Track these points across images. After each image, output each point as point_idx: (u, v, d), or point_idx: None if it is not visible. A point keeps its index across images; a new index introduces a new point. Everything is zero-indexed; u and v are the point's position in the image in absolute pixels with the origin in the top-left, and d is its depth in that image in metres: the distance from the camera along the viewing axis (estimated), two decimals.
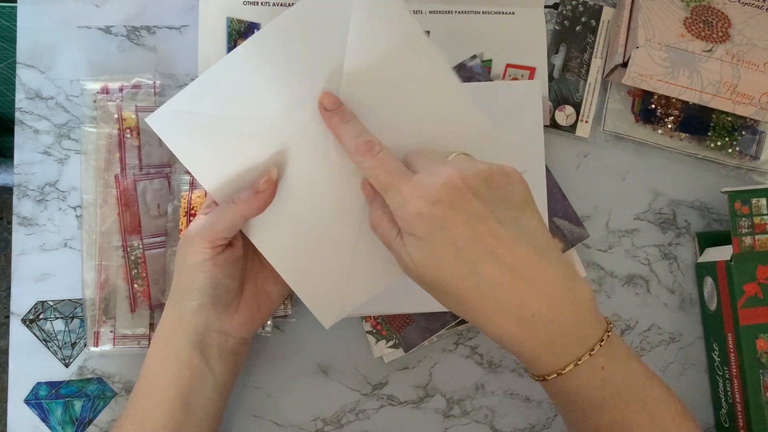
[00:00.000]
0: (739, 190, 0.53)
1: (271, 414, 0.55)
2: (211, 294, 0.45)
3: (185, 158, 0.46)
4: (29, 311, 0.55)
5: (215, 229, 0.45)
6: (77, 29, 0.58)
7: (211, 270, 0.45)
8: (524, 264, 0.38)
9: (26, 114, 0.57)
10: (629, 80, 0.54)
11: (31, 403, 0.54)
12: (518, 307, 0.38)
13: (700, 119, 0.58)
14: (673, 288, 0.58)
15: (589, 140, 0.59)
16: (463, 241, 0.38)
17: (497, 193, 0.40)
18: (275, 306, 0.51)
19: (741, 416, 0.52)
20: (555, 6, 0.60)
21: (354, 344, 0.56)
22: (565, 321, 0.39)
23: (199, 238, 0.45)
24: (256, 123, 0.45)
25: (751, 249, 0.52)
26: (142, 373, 0.47)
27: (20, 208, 0.56)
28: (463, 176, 0.39)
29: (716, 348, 0.55)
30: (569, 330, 0.39)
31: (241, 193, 0.45)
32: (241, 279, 0.48)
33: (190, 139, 0.45)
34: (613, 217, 0.59)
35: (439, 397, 0.56)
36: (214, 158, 0.46)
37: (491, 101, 0.45)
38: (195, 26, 0.58)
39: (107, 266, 0.53)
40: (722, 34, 0.55)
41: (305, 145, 0.46)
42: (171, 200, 0.54)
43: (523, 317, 0.38)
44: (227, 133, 0.45)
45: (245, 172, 0.46)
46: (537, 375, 0.41)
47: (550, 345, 0.39)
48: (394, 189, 0.40)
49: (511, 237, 0.38)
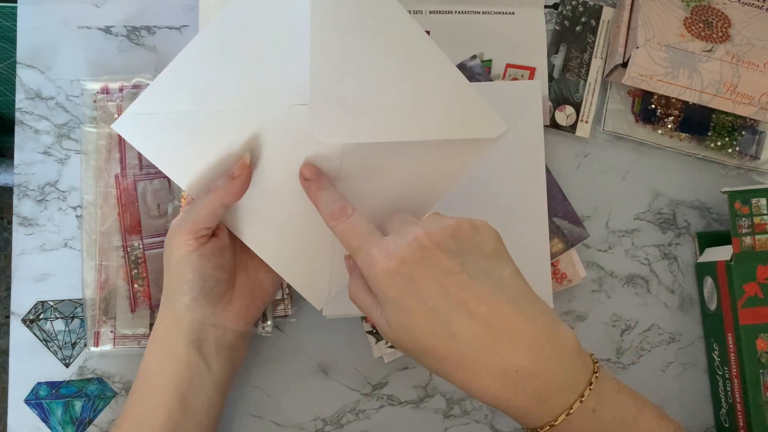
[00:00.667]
0: (739, 190, 0.53)
1: (271, 414, 0.55)
2: (201, 287, 0.45)
3: (156, 159, 0.46)
4: (29, 311, 0.55)
5: (195, 220, 0.45)
6: (77, 29, 0.58)
7: (198, 262, 0.45)
8: (499, 316, 0.37)
9: (26, 114, 0.57)
10: (629, 80, 0.54)
11: (32, 403, 0.54)
12: (501, 364, 0.37)
13: (700, 119, 0.58)
14: (673, 288, 0.58)
15: (589, 140, 0.59)
16: (433, 299, 0.37)
17: (466, 245, 0.39)
18: (270, 295, 0.51)
19: (741, 416, 0.52)
20: (555, 6, 0.60)
21: (354, 344, 0.56)
22: (551, 372, 0.38)
23: (181, 231, 0.45)
24: (223, 114, 0.45)
25: (751, 249, 0.52)
26: (140, 373, 0.47)
27: (20, 208, 0.56)
28: (429, 233, 0.38)
29: (716, 348, 0.55)
30: (557, 380, 0.38)
31: (216, 181, 0.45)
32: (230, 269, 0.48)
33: (158, 140, 0.45)
34: (613, 217, 0.59)
35: (439, 397, 0.56)
36: (185, 156, 0.46)
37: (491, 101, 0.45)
38: (195, 26, 0.58)
39: (107, 266, 0.53)
40: (722, 34, 0.55)
41: (276, 131, 0.45)
42: (171, 200, 0.54)
43: (506, 374, 0.37)
44: (195, 129, 0.45)
45: (219, 164, 0.46)
46: (529, 428, 0.40)
47: (539, 398, 0.38)
48: (364, 251, 0.40)
49: (484, 290, 0.37)
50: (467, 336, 0.37)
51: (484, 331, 0.37)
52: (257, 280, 0.49)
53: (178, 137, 0.45)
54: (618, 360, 0.57)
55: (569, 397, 0.38)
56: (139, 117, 0.44)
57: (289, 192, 0.46)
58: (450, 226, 0.39)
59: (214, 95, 0.44)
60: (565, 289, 0.57)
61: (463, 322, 0.37)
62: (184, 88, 0.44)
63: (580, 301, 0.57)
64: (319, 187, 0.44)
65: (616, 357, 0.57)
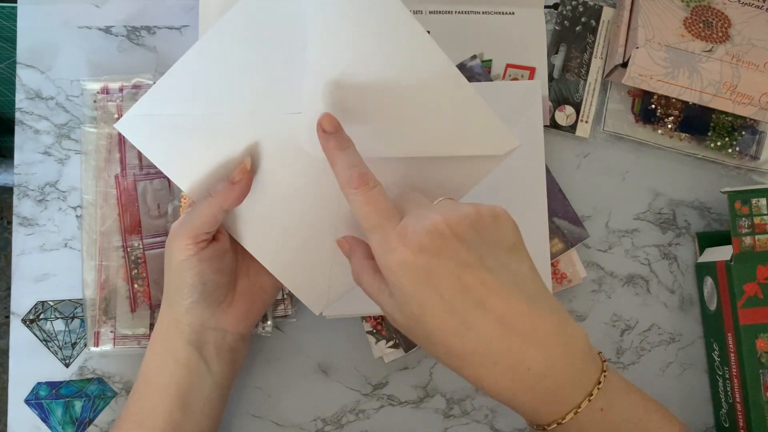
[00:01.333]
0: (739, 190, 0.53)
1: (271, 414, 0.55)
2: (202, 291, 0.45)
3: (158, 161, 0.46)
4: (29, 311, 0.55)
5: (195, 225, 0.44)
6: (77, 29, 0.58)
7: (198, 266, 0.45)
8: (516, 314, 0.37)
9: (26, 114, 0.57)
10: (629, 80, 0.54)
11: (32, 403, 0.54)
12: (512, 362, 0.37)
13: (700, 119, 0.58)
14: (673, 288, 0.58)
15: (589, 140, 0.59)
16: (450, 293, 0.36)
17: (486, 237, 0.38)
18: (270, 298, 0.51)
19: (741, 416, 0.52)
20: (555, 6, 0.60)
21: (354, 344, 0.56)
22: (561, 371, 0.37)
23: (181, 236, 0.45)
24: (225, 119, 0.45)
25: (751, 249, 0.52)
26: (141, 374, 0.47)
27: (20, 208, 0.56)
28: (449, 221, 0.37)
29: (716, 348, 0.55)
30: (567, 380, 0.38)
31: (217, 186, 0.45)
32: (231, 273, 0.48)
33: (161, 141, 0.45)
34: (613, 217, 0.59)
35: (439, 397, 0.56)
36: (187, 158, 0.46)
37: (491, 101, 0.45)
38: (195, 26, 0.58)
39: (107, 266, 0.53)
40: (722, 34, 0.55)
41: (277, 137, 0.45)
42: (171, 200, 0.54)
43: (517, 372, 0.37)
44: (197, 132, 0.45)
45: (220, 167, 0.46)
46: (536, 425, 0.40)
47: (548, 396, 0.38)
48: (381, 231, 0.38)
49: (502, 285, 0.37)
50: (481, 332, 0.37)
51: (499, 328, 0.37)
52: (258, 283, 0.49)
53: (180, 139, 0.45)
54: (618, 360, 0.57)
55: (578, 395, 0.38)
56: (141, 118, 0.44)
57: (290, 198, 0.46)
58: (470, 215, 0.38)
59: (217, 99, 0.44)
60: (565, 289, 0.57)
61: (479, 317, 0.36)
62: (187, 91, 0.44)
63: (580, 301, 0.57)
64: (338, 145, 0.41)
65: (616, 357, 0.57)
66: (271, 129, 0.45)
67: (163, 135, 0.45)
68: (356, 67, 0.43)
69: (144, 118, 0.44)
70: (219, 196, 0.44)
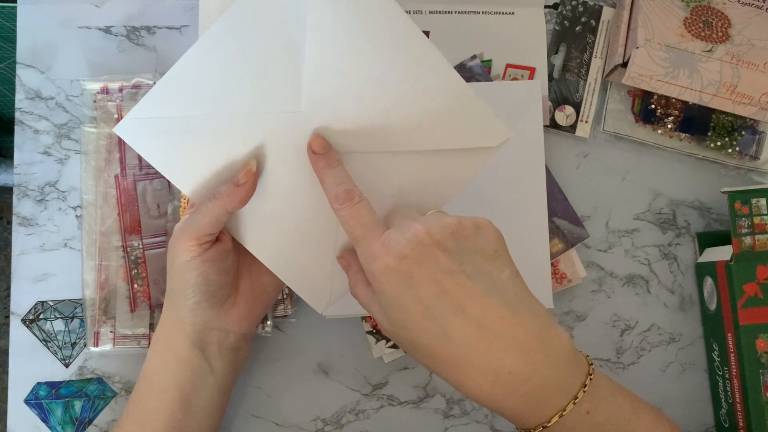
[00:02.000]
0: (739, 190, 0.53)
1: (271, 414, 0.55)
2: (205, 291, 0.45)
3: (159, 164, 0.45)
4: (29, 311, 0.55)
5: (199, 226, 0.45)
6: (77, 29, 0.58)
7: (201, 267, 0.45)
8: (495, 319, 0.37)
9: (26, 114, 0.57)
10: (629, 80, 0.54)
11: (31, 403, 0.54)
12: (493, 366, 0.37)
13: (700, 119, 0.58)
14: (673, 288, 0.58)
15: (589, 140, 0.59)
16: (430, 298, 0.37)
17: (466, 245, 0.39)
18: (273, 298, 0.51)
19: (741, 416, 0.52)
20: (555, 6, 0.60)
21: (354, 344, 0.56)
22: (544, 375, 0.38)
23: (184, 237, 0.45)
24: (225, 120, 0.44)
25: (751, 249, 0.52)
26: (143, 374, 0.47)
27: (20, 208, 0.56)
28: (430, 231, 0.38)
29: (716, 348, 0.55)
30: (550, 383, 0.38)
31: (221, 188, 0.45)
32: (234, 273, 0.48)
33: (161, 144, 0.45)
34: (613, 217, 0.59)
35: (439, 397, 0.56)
36: (188, 161, 0.45)
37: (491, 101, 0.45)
38: (195, 26, 0.58)
39: (107, 266, 0.53)
40: (722, 34, 0.55)
41: (278, 137, 0.45)
42: (171, 200, 0.54)
43: (498, 376, 0.37)
44: (198, 134, 0.45)
45: (222, 170, 0.46)
46: (523, 429, 0.40)
47: (532, 400, 0.38)
48: (365, 243, 0.40)
49: (481, 291, 0.37)
50: (461, 337, 0.37)
51: (478, 332, 0.37)
52: (260, 283, 0.49)
53: (180, 142, 0.45)
54: (618, 360, 0.57)
55: (562, 399, 0.38)
56: (140, 121, 0.44)
57: (292, 198, 0.46)
58: (451, 224, 0.39)
59: (217, 100, 0.44)
60: (565, 289, 0.57)
61: (458, 323, 0.37)
62: (186, 93, 0.44)
63: (580, 301, 0.57)
64: (327, 165, 0.44)
65: (616, 357, 0.57)
66: (271, 129, 0.45)
67: (162, 138, 0.45)
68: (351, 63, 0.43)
69: (142, 122, 0.44)
70: (223, 198, 0.44)
